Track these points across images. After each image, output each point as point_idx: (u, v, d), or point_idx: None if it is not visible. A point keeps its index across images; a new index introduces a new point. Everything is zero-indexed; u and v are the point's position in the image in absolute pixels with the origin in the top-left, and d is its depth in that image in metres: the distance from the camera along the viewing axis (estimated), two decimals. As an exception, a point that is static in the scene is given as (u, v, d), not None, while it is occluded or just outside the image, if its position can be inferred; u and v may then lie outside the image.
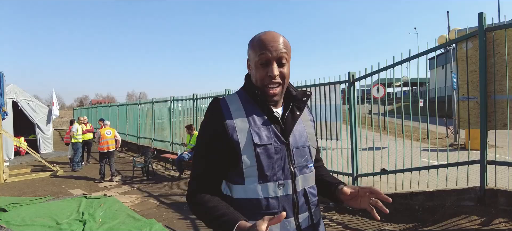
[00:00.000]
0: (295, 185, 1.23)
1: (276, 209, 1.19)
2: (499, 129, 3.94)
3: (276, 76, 1.21)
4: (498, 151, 4.11)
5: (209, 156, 1.22)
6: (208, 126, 1.25)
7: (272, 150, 1.20)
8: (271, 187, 1.19)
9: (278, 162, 1.20)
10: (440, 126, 13.13)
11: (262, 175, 1.18)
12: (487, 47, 3.91)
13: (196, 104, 9.83)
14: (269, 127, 1.22)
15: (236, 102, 1.26)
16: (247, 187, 1.19)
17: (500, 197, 3.98)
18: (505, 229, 3.59)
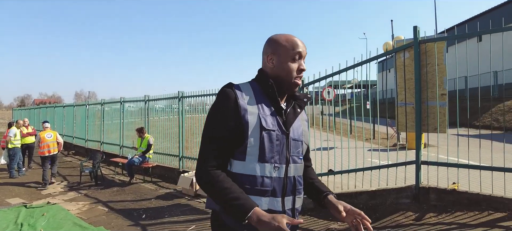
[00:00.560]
0: (288, 171, 1.41)
1: (269, 187, 1.35)
2: (431, 132, 4.33)
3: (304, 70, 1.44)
4: (434, 150, 4.51)
5: (223, 133, 1.33)
6: (223, 105, 1.35)
7: (274, 136, 1.36)
8: (267, 167, 1.35)
9: (277, 147, 1.37)
10: (385, 126, 13.99)
11: (262, 156, 1.34)
12: (421, 57, 4.28)
13: (147, 106, 9.58)
14: (275, 116, 1.39)
15: (248, 90, 1.40)
16: (247, 164, 1.34)
17: (431, 193, 4.38)
18: (434, 222, 3.96)
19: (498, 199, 3.96)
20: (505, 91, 14.64)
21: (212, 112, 1.38)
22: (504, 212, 3.83)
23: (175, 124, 8.40)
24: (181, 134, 8.08)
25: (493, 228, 3.61)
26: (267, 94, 1.41)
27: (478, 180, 4.20)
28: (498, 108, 15.47)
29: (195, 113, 8.50)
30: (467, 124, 4.54)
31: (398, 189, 4.66)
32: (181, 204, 5.97)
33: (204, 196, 6.23)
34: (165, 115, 9.54)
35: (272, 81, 1.40)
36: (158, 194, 6.77)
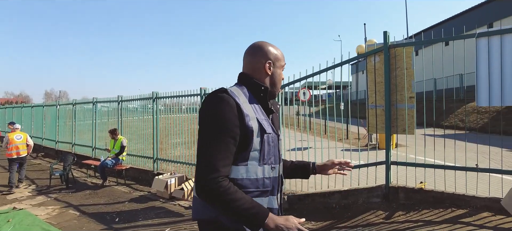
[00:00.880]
0: (280, 169, 1.52)
1: (269, 187, 1.43)
2: (400, 133, 4.51)
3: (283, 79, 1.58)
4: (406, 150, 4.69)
5: (228, 140, 1.31)
6: (225, 111, 1.32)
7: (271, 138, 1.43)
8: (266, 169, 1.42)
9: (273, 149, 1.45)
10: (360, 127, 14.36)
11: (262, 159, 1.40)
12: (391, 61, 4.45)
13: (121, 106, 9.38)
14: (268, 120, 1.46)
15: (241, 95, 1.42)
16: (249, 168, 1.38)
17: (400, 193, 4.55)
18: (403, 220, 4.13)
19: (460, 197, 4.17)
20: (468, 94, 15.37)
21: (216, 119, 1.32)
22: (465, 209, 4.05)
23: (150, 125, 8.27)
24: (155, 135, 7.96)
25: (456, 224, 3.81)
26: (258, 99, 1.46)
27: (443, 179, 4.42)
28: (463, 110, 16.21)
29: (170, 114, 8.40)
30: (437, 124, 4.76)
31: (369, 189, 4.81)
32: (156, 207, 5.90)
33: (179, 198, 6.19)
34: (140, 115, 9.38)
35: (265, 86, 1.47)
36: (132, 197, 6.66)
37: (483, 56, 3.86)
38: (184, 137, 7.87)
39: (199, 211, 1.43)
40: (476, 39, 3.87)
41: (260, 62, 1.48)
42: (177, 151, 8.05)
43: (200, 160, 1.32)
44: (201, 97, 6.69)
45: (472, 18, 23.78)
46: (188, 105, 7.91)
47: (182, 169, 7.55)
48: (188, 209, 5.63)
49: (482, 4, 23.90)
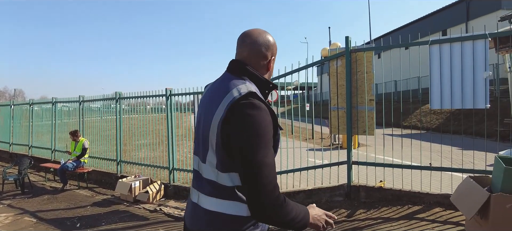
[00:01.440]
0: None
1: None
2: (360, 134, 4.70)
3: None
4: (369, 149, 4.89)
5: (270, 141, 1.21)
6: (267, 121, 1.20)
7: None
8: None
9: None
10: (324, 126, 14.76)
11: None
12: (352, 65, 4.63)
13: (82, 106, 9.02)
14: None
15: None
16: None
17: (361, 191, 4.75)
18: (363, 218, 4.31)
19: (416, 194, 4.43)
20: (425, 95, 16.25)
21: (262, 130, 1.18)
22: (420, 205, 4.31)
23: (113, 126, 8.01)
24: (119, 136, 7.74)
25: (411, 220, 4.04)
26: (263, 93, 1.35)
27: (401, 177, 4.68)
28: (421, 110, 17.11)
29: (135, 114, 8.20)
30: (398, 124, 5.02)
31: (332, 188, 4.98)
32: (120, 211, 5.75)
33: (144, 201, 6.08)
34: (103, 115, 9.05)
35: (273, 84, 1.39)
36: (95, 201, 6.44)
37: (435, 62, 4.12)
38: (149, 138, 7.72)
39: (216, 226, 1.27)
40: (429, 46, 4.13)
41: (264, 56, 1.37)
42: (141, 152, 7.88)
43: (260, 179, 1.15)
44: (167, 98, 6.60)
45: (429, 25, 25.15)
46: (153, 105, 7.77)
47: (147, 172, 7.40)
48: (153, 213, 5.54)
49: (437, 11, 25.36)
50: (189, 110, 7.09)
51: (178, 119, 7.28)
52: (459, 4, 23.17)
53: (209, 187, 1.30)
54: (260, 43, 1.35)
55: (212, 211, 1.27)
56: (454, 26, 22.92)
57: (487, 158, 4.33)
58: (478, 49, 3.88)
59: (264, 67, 1.37)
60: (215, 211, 1.26)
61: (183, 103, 6.95)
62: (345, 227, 4.18)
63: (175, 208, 5.66)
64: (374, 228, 3.99)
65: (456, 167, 4.47)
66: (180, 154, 8.44)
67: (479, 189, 3.18)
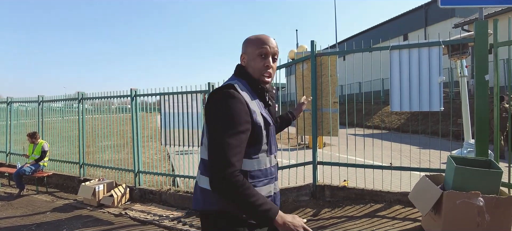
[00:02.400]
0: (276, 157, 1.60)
1: (274, 175, 1.55)
2: (325, 135, 4.85)
3: (271, 67, 1.51)
4: (335, 149, 5.04)
5: (241, 135, 1.34)
6: (237, 108, 1.35)
7: (272, 129, 1.52)
8: (272, 158, 1.54)
9: (273, 139, 1.55)
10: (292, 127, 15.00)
11: (270, 150, 1.50)
12: (317, 69, 4.77)
13: (41, 107, 8.59)
14: (267, 111, 1.53)
15: (245, 90, 1.45)
16: (260, 160, 1.46)
17: (326, 190, 4.90)
18: (328, 217, 4.45)
19: (378, 193, 4.63)
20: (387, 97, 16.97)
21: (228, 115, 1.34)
22: (382, 203, 4.51)
23: (76, 126, 7.68)
24: (81, 138, 7.44)
25: (373, 218, 4.22)
26: (256, 91, 1.51)
27: (364, 176, 4.87)
28: (384, 111, 17.85)
29: (99, 114, 7.92)
30: (362, 124, 5.22)
31: (298, 187, 5.09)
32: (83, 216, 5.55)
33: (108, 205, 5.90)
34: (64, 116, 8.65)
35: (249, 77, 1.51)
36: (55, 206, 6.16)
37: (395, 67, 4.33)
38: (114, 139, 7.50)
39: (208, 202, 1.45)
40: (390, 51, 4.34)
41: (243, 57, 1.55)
42: (106, 155, 7.64)
43: (216, 154, 1.32)
44: (132, 99, 6.44)
45: (391, 28, 26.27)
46: (118, 104, 7.54)
47: (111, 175, 7.19)
48: (118, 217, 5.40)
49: (398, 16, 26.53)
50: (155, 111, 6.96)
51: (144, 120, 7.12)
52: (418, 11, 24.38)
53: (202, 166, 1.51)
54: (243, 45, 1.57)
55: (205, 188, 1.46)
56: (414, 31, 24.11)
57: (442, 156, 4.62)
58: (434, 55, 4.13)
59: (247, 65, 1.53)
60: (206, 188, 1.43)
61: (150, 103, 6.81)
62: (311, 226, 4.29)
63: (141, 212, 5.54)
64: (338, 227, 4.13)
65: (414, 166, 4.73)
66: (146, 156, 8.27)
67: (433, 187, 3.39)
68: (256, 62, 1.50)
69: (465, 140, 5.16)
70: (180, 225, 4.86)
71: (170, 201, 5.89)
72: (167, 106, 5.94)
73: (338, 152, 5.16)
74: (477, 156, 3.85)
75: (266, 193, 1.50)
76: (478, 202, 3.06)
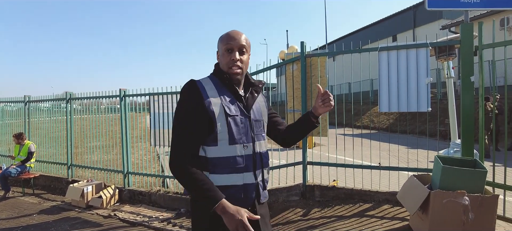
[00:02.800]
0: (255, 148, 1.63)
1: (241, 164, 1.57)
2: (314, 136, 4.88)
3: (237, 60, 1.58)
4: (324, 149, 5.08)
5: (192, 125, 1.52)
6: (189, 100, 1.54)
7: (238, 120, 1.58)
8: (238, 148, 1.57)
9: (243, 129, 1.59)
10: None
11: (232, 139, 1.55)
12: (307, 70, 4.80)
13: (28, 107, 8.44)
14: (236, 103, 1.60)
15: (209, 83, 1.60)
16: (220, 148, 1.54)
17: (316, 190, 4.93)
18: (318, 217, 4.48)
19: (367, 192, 4.68)
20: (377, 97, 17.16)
21: (180, 108, 1.56)
22: (370, 203, 4.56)
23: (64, 126, 7.57)
24: (69, 139, 7.33)
25: (362, 217, 4.26)
26: (226, 85, 1.61)
27: (353, 176, 4.92)
28: (373, 111, 18.04)
29: (87, 114, 7.82)
30: (352, 124, 5.26)
31: (288, 188, 5.11)
32: (71, 218, 5.48)
33: (97, 207, 5.84)
34: (53, 116, 8.51)
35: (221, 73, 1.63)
36: (42, 208, 6.07)
37: (384, 68, 4.39)
38: (103, 140, 7.42)
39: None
40: (378, 52, 4.39)
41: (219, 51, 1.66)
42: (94, 155, 7.56)
43: (171, 144, 1.57)
44: (121, 99, 6.38)
45: (381, 29, 26.55)
46: (107, 105, 7.46)
47: (100, 176, 7.11)
48: (107, 218, 5.34)
49: (388, 18, 26.85)
50: (144, 111, 6.91)
51: (133, 120, 7.06)
52: (406, 12, 24.70)
53: None
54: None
55: None
56: (403, 32, 24.42)
57: (429, 156, 4.69)
58: (421, 56, 4.19)
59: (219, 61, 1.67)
60: None
61: (139, 103, 6.76)
62: (301, 226, 4.31)
63: (131, 213, 5.50)
64: (328, 226, 4.16)
65: (403, 166, 4.79)
66: (135, 156, 8.20)
67: (421, 187, 3.45)
68: (224, 57, 1.61)
69: (452, 140, 5.24)
70: (170, 226, 4.84)
71: (159, 202, 5.85)
72: (156, 107, 5.90)
73: (327, 152, 5.19)
74: (463, 155, 3.92)
75: (231, 182, 1.56)
76: (464, 201, 3.12)
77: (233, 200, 1.52)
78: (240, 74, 1.62)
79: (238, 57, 1.59)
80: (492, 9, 4.82)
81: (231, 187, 1.56)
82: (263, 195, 1.69)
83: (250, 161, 1.61)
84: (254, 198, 1.62)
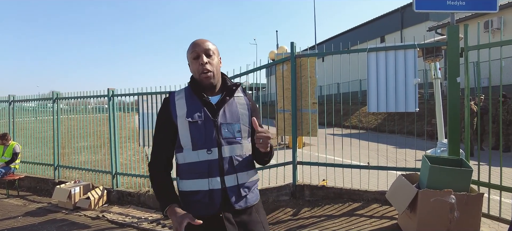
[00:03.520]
0: (221, 152, 1.59)
1: (205, 169, 1.57)
2: (304, 136, 4.91)
3: (205, 63, 1.60)
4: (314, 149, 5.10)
5: (160, 135, 1.67)
6: (160, 114, 1.68)
7: (201, 125, 1.58)
8: (201, 153, 1.58)
9: (205, 134, 1.58)
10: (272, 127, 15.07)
11: (194, 144, 1.58)
12: (297, 70, 4.82)
13: (13, 106, 8.26)
14: (202, 108, 1.61)
15: (180, 94, 1.67)
16: (185, 154, 1.60)
17: (306, 190, 4.96)
18: (308, 216, 4.51)
19: (356, 192, 4.73)
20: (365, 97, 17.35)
21: (156, 121, 1.72)
22: (359, 202, 4.61)
23: (50, 126, 7.43)
24: (56, 139, 7.20)
25: (352, 217, 4.31)
26: (196, 92, 1.64)
27: (342, 176, 4.96)
28: (361, 111, 18.23)
29: (75, 114, 7.70)
30: (341, 124, 5.30)
31: (278, 187, 5.13)
32: (57, 219, 5.38)
33: (84, 208, 5.76)
34: (38, 116, 8.34)
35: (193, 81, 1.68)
36: (28, 210, 5.94)
37: (373, 68, 4.44)
38: (90, 140, 7.31)
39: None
40: (367, 53, 4.44)
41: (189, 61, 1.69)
42: (82, 156, 7.44)
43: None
44: (109, 99, 6.30)
45: (369, 31, 26.84)
46: (95, 104, 7.35)
47: (88, 177, 7.01)
48: (95, 220, 5.27)
49: (376, 19, 27.18)
50: (133, 111, 6.84)
51: (121, 120, 6.98)
52: (394, 14, 25.04)
53: None
54: None
55: None
56: (391, 33, 24.74)
57: (417, 155, 4.77)
58: (409, 57, 4.26)
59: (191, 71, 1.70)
60: None
61: (127, 103, 6.68)
62: (291, 226, 4.33)
63: (119, 214, 5.43)
64: (318, 226, 4.18)
65: (391, 166, 4.85)
66: (123, 157, 8.10)
67: (409, 186, 3.50)
68: (193, 65, 1.65)
69: (439, 140, 5.33)
70: (159, 227, 4.80)
71: (149, 203, 5.80)
72: (145, 107, 5.85)
73: (317, 152, 5.23)
74: (449, 155, 3.99)
75: (197, 187, 1.58)
76: (451, 200, 3.18)
77: (200, 205, 1.57)
78: (211, 77, 1.62)
79: (205, 60, 1.61)
80: (476, 12, 4.92)
81: (197, 193, 1.58)
82: (236, 201, 1.61)
83: (215, 166, 1.58)
84: (220, 204, 1.57)
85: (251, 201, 1.68)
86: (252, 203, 1.68)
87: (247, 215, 1.65)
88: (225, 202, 1.59)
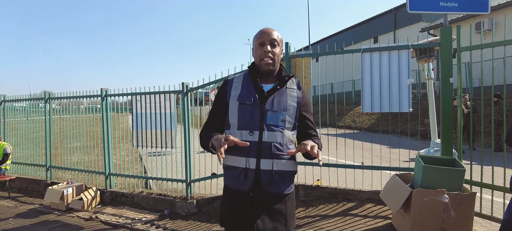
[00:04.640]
0: (262, 136, 1.70)
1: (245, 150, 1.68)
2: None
3: (269, 51, 1.74)
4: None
5: (214, 110, 1.88)
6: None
7: (248, 108, 1.72)
8: (244, 133, 1.71)
9: (250, 117, 1.71)
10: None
11: (240, 124, 1.72)
12: (292, 70, 4.82)
13: (3, 107, 8.15)
14: (254, 93, 1.75)
15: (239, 78, 1.85)
16: (231, 131, 1.76)
17: (300, 190, 4.97)
18: (303, 216, 4.52)
19: (350, 191, 4.75)
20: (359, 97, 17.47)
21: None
22: (354, 202, 4.63)
23: (42, 127, 7.33)
24: (48, 139, 7.12)
25: (346, 216, 4.32)
26: (252, 78, 1.79)
27: (336, 176, 4.98)
28: (355, 111, 18.33)
29: (68, 114, 7.61)
30: (335, 124, 5.32)
31: (273, 188, 5.12)
32: (49, 221, 5.32)
33: (77, 210, 5.70)
34: (30, 116, 8.24)
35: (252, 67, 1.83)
36: (19, 212, 5.86)
37: (367, 69, 4.46)
38: (83, 141, 7.24)
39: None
40: (361, 53, 4.46)
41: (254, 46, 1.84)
42: (74, 156, 7.37)
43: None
44: (102, 99, 6.25)
45: (363, 31, 27.00)
46: (88, 104, 7.29)
47: (80, 177, 6.94)
48: (88, 221, 5.22)
49: (369, 19, 27.34)
50: (126, 111, 6.79)
51: (115, 120, 6.93)
52: (387, 14, 25.22)
53: None
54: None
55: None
56: (384, 34, 24.91)
57: (411, 155, 4.80)
58: (403, 58, 4.29)
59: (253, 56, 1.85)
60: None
61: (121, 103, 6.63)
62: (285, 226, 4.34)
63: (113, 215, 5.39)
64: (312, 226, 4.19)
65: (385, 165, 4.89)
66: (117, 157, 8.05)
67: (403, 186, 3.53)
68: (257, 51, 1.79)
69: (432, 139, 5.38)
70: (153, 228, 4.77)
71: (142, 204, 5.76)
72: (139, 107, 5.81)
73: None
74: (442, 155, 4.03)
75: (236, 164, 1.72)
76: (444, 199, 3.21)
77: (236, 180, 1.74)
78: (272, 65, 1.77)
79: (269, 49, 1.75)
80: (468, 13, 4.98)
81: (235, 168, 1.73)
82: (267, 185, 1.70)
83: (254, 148, 1.70)
84: (252, 183, 1.69)
85: (282, 189, 1.77)
86: (282, 191, 1.76)
87: (274, 201, 1.74)
88: (257, 182, 1.71)
